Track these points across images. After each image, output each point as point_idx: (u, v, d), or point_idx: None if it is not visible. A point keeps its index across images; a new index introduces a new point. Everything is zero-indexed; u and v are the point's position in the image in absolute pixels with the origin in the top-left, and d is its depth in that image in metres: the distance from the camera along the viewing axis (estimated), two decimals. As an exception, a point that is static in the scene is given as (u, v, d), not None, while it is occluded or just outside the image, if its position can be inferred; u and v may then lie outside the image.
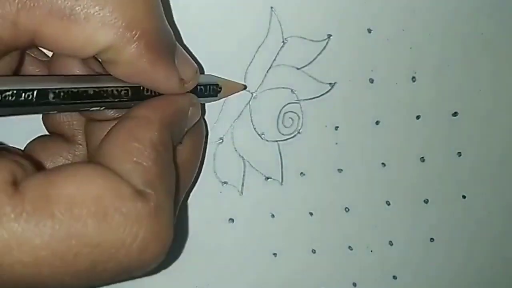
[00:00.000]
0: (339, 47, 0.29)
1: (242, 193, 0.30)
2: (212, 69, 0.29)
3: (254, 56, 0.29)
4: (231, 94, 0.28)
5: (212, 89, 0.26)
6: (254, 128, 0.30)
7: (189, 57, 0.23)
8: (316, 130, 0.30)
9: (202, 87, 0.25)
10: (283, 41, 0.29)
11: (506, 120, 0.31)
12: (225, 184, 0.30)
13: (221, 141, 0.30)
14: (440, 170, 0.32)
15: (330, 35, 0.29)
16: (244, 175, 0.30)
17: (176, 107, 0.22)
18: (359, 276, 0.32)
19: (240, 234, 0.30)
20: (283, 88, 0.29)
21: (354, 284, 0.32)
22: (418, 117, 0.31)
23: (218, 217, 0.30)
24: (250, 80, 0.29)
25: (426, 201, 0.32)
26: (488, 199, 0.32)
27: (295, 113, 0.30)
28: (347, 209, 0.31)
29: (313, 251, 0.31)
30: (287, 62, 0.29)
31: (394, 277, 0.32)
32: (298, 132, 0.30)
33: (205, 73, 0.28)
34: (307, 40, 0.29)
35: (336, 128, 0.30)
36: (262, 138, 0.30)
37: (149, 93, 0.22)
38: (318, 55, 0.29)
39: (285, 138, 0.30)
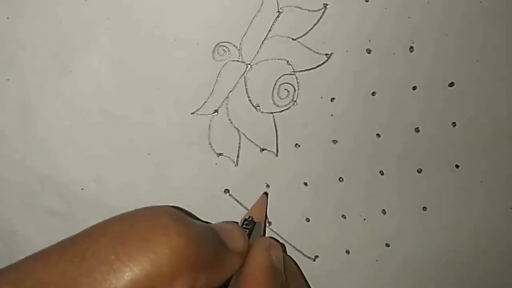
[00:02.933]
0: (336, 17, 0.29)
1: (237, 164, 0.30)
2: (207, 40, 0.28)
3: (249, 26, 0.28)
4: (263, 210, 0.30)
5: (248, 223, 0.28)
6: (249, 100, 0.29)
7: (228, 226, 0.25)
8: (311, 102, 0.30)
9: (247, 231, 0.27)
10: (278, 11, 0.28)
11: (502, 91, 0.31)
12: (220, 156, 0.30)
13: (216, 113, 0.29)
14: (434, 140, 0.32)
15: (326, 5, 0.28)
16: (239, 147, 0.30)
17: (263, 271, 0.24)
18: (352, 244, 0.32)
19: (235, 205, 0.31)
20: (279, 59, 0.29)
21: (348, 252, 0.33)
22: (414, 88, 0.31)
23: (214, 188, 0.30)
24: (245, 51, 0.29)
25: (419, 171, 0.32)
26: (480, 169, 0.32)
27: (290, 84, 0.29)
28: (341, 179, 0.32)
29: (307, 220, 0.32)
30: (283, 33, 0.29)
31: (387, 245, 0.33)
32: (294, 104, 0.30)
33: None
34: (303, 10, 0.28)
35: (332, 99, 0.30)
36: (257, 110, 0.30)
37: None
38: (314, 25, 0.29)
39: (280, 110, 0.30)
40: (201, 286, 0.20)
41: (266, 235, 0.32)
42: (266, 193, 0.31)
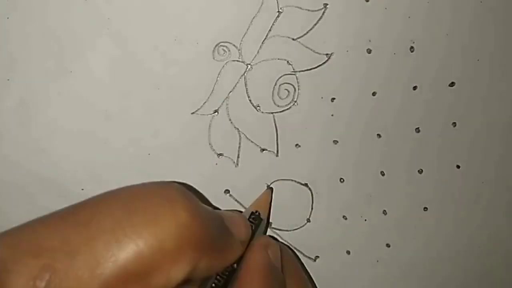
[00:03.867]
0: (336, 17, 0.28)
1: (237, 164, 0.30)
2: (207, 40, 0.28)
3: (249, 26, 0.28)
4: (267, 205, 0.30)
5: (255, 218, 0.28)
6: (250, 100, 0.29)
7: (233, 213, 0.25)
8: (312, 102, 0.30)
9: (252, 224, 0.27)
10: (278, 11, 0.28)
11: (503, 90, 0.31)
12: (220, 156, 0.30)
13: (216, 113, 0.29)
14: (435, 140, 0.32)
15: (327, 5, 0.28)
16: (239, 147, 0.30)
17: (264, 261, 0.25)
18: (353, 244, 0.32)
19: (236, 205, 0.31)
20: (279, 59, 0.29)
21: (348, 252, 0.32)
22: (414, 88, 0.31)
23: (214, 189, 0.30)
24: (245, 51, 0.29)
25: (420, 171, 0.32)
26: (482, 169, 0.32)
27: (291, 84, 0.29)
28: (342, 180, 0.31)
29: (308, 220, 0.32)
30: (283, 33, 0.28)
31: (388, 245, 0.32)
32: (294, 104, 0.30)
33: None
34: (303, 10, 0.28)
35: (333, 99, 0.30)
36: (257, 110, 0.30)
37: None
38: (315, 25, 0.28)
39: (280, 110, 0.30)
40: (203, 269, 0.20)
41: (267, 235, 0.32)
42: (271, 188, 0.31)
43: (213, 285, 0.23)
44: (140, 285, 0.17)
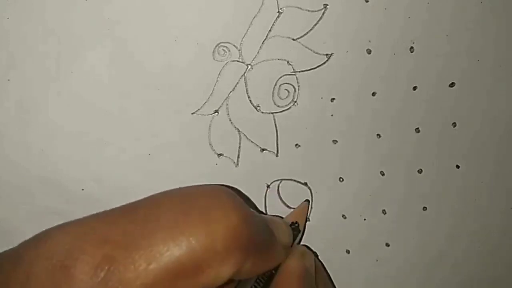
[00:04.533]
0: (336, 17, 0.28)
1: (237, 164, 0.30)
2: (207, 40, 0.28)
3: (249, 27, 0.28)
4: (304, 217, 0.31)
5: (294, 228, 0.29)
6: (250, 100, 0.29)
7: (277, 219, 0.27)
8: (312, 102, 0.30)
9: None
10: (278, 11, 0.28)
11: (502, 91, 0.31)
12: (221, 156, 0.30)
13: (216, 113, 0.29)
14: (435, 140, 0.32)
15: (327, 5, 0.28)
16: (239, 147, 0.30)
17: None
18: (353, 244, 0.33)
19: (236, 205, 0.31)
20: (279, 59, 0.29)
21: (348, 252, 0.33)
22: (414, 88, 0.31)
23: (214, 189, 0.30)
24: (245, 51, 0.29)
25: (419, 171, 0.32)
26: (481, 169, 0.32)
27: (291, 84, 0.29)
28: (341, 179, 0.32)
29: (308, 219, 0.32)
30: (283, 33, 0.28)
31: (387, 245, 0.33)
32: (294, 104, 0.30)
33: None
34: (303, 10, 0.28)
35: (332, 100, 0.30)
36: (257, 110, 0.30)
37: None
38: (315, 25, 0.28)
39: (280, 110, 0.30)
40: (248, 269, 0.21)
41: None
42: (308, 200, 0.31)
43: (253, 287, 0.24)
44: (190, 281, 0.19)
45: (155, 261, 0.18)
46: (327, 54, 0.29)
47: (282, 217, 0.30)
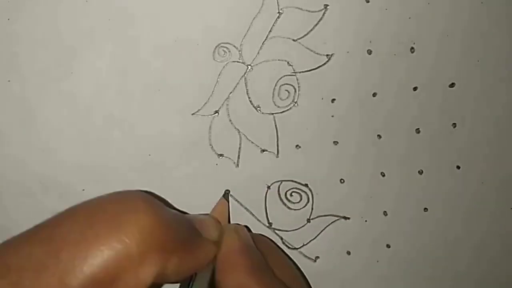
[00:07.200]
0: (336, 18, 0.29)
1: (238, 165, 0.30)
2: (208, 40, 0.28)
3: (249, 27, 0.28)
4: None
5: None
6: (250, 101, 0.29)
7: (201, 216, 0.27)
8: (312, 103, 0.30)
9: None
10: (278, 12, 0.28)
11: (502, 91, 0.31)
12: (221, 157, 0.30)
13: (216, 114, 0.29)
14: (435, 141, 0.32)
15: (327, 5, 0.28)
16: (240, 148, 0.30)
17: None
18: (353, 245, 0.32)
19: (236, 206, 0.31)
20: (279, 60, 0.29)
21: (348, 253, 0.32)
22: (415, 89, 0.31)
23: (214, 189, 0.30)
24: (245, 52, 0.29)
25: (420, 172, 0.32)
26: (482, 169, 0.32)
27: (291, 85, 0.29)
28: (342, 180, 0.31)
29: (308, 221, 0.32)
30: (283, 34, 0.29)
31: (388, 246, 0.32)
32: (294, 105, 0.30)
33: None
34: (303, 11, 0.28)
35: (333, 100, 0.30)
36: (258, 111, 0.30)
37: None
38: (315, 26, 0.29)
39: (281, 111, 0.30)
40: (174, 269, 0.20)
41: (267, 236, 0.32)
42: (226, 194, 0.31)
43: (192, 282, 0.24)
44: None
45: (67, 279, 0.17)
46: (327, 55, 0.29)
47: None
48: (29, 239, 0.19)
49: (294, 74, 0.29)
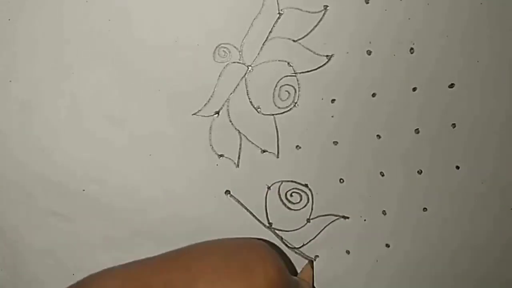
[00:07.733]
0: (336, 19, 0.29)
1: (238, 165, 0.30)
2: (208, 41, 0.28)
3: (249, 28, 0.28)
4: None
5: None
6: (250, 102, 0.30)
7: (304, 282, 0.30)
8: (312, 103, 0.30)
9: None
10: (279, 13, 0.28)
11: (502, 91, 0.31)
12: (221, 157, 0.30)
13: (217, 114, 0.29)
14: (434, 141, 0.32)
15: (327, 6, 0.28)
16: (240, 148, 0.30)
17: None
18: (353, 244, 0.33)
19: (236, 206, 0.31)
20: (279, 61, 0.29)
21: (348, 252, 0.33)
22: (414, 89, 0.31)
23: (215, 189, 0.30)
24: (245, 53, 0.29)
25: (419, 172, 0.32)
26: (481, 170, 0.32)
27: (291, 86, 0.30)
28: (341, 180, 0.32)
29: (308, 221, 0.32)
30: (283, 34, 0.29)
31: (387, 245, 0.33)
32: (295, 105, 0.30)
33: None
34: (303, 12, 0.28)
35: (333, 101, 0.30)
36: (258, 111, 0.30)
37: None
38: (315, 27, 0.29)
39: (281, 111, 0.30)
40: None
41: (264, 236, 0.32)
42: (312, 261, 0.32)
43: None
44: None
45: None
46: (327, 55, 0.29)
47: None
48: (168, 264, 0.22)
49: (294, 74, 0.29)
